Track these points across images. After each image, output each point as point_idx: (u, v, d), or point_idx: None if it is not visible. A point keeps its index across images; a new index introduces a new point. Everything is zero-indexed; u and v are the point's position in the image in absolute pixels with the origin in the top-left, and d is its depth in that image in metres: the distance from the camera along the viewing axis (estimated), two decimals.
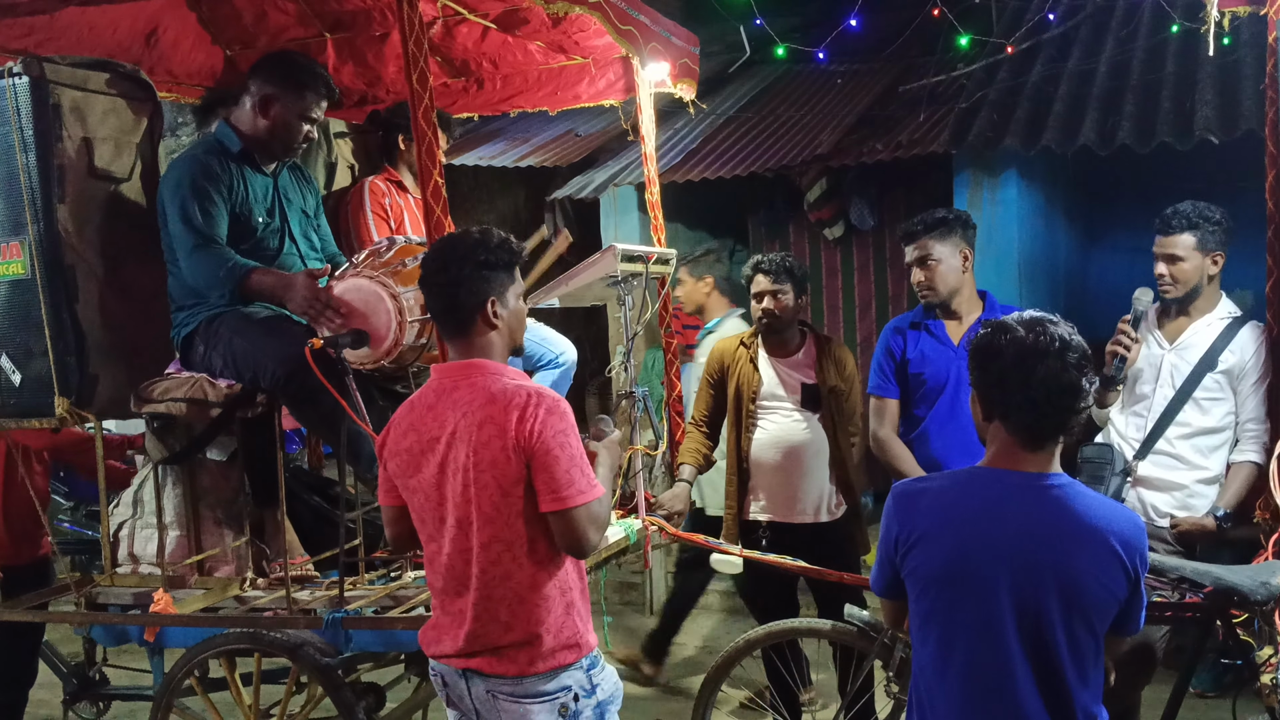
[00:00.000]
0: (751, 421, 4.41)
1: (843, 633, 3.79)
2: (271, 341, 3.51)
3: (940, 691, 2.33)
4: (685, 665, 5.98)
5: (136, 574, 3.77)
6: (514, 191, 9.45)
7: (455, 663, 2.63)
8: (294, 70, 3.73)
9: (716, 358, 4.54)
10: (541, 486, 2.52)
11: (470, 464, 2.53)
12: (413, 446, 2.63)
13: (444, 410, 2.60)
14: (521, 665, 2.57)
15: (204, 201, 3.55)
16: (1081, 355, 2.26)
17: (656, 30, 4.09)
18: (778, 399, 4.41)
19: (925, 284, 4.08)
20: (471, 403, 2.56)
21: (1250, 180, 3.93)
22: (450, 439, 2.57)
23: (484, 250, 2.62)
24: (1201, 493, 3.84)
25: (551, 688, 2.59)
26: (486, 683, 2.60)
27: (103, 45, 4.03)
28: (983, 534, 2.27)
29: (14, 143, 3.48)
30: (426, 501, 2.63)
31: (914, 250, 4.09)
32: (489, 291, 2.62)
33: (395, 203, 4.30)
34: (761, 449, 4.40)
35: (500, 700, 2.59)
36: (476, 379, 2.60)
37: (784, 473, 4.38)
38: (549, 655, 2.58)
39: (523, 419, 2.50)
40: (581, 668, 2.64)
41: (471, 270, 2.60)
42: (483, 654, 2.59)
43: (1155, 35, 6.47)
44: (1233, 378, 3.82)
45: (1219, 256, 3.85)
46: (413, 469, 2.64)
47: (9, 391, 3.65)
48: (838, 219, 7.55)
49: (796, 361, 4.44)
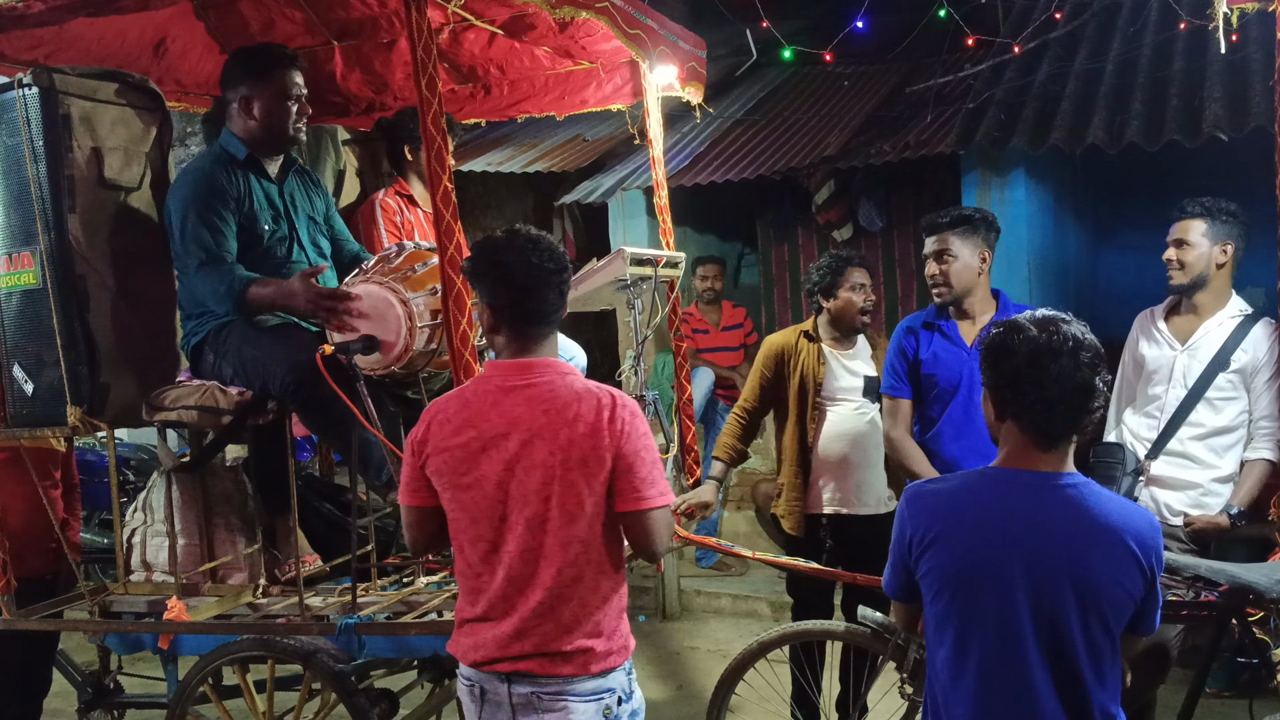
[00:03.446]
0: (817, 413, 4.46)
1: (857, 634, 3.78)
2: (281, 349, 3.52)
3: (956, 693, 2.32)
4: (699, 668, 5.97)
5: (150, 582, 3.78)
6: (522, 197, 9.47)
7: (502, 666, 2.56)
8: (252, 61, 3.73)
9: (774, 350, 4.57)
10: (625, 486, 2.51)
11: (556, 461, 2.49)
12: (469, 443, 2.55)
13: (511, 407, 2.54)
14: (577, 666, 2.54)
15: (210, 217, 3.56)
16: (1094, 354, 2.25)
17: (663, 34, 4.08)
18: (843, 391, 4.46)
19: (939, 279, 4.03)
20: (552, 400, 2.53)
21: (1260, 177, 3.92)
22: (525, 436, 2.51)
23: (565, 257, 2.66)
24: (1216, 491, 3.82)
25: (600, 688, 2.57)
26: (533, 684, 2.54)
27: (111, 56, 4.05)
28: (998, 534, 2.27)
29: (24, 153, 3.50)
30: (485, 499, 2.55)
31: (934, 243, 4.04)
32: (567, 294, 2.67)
33: (407, 220, 4.32)
34: (828, 441, 4.45)
35: (543, 700, 2.53)
36: (550, 377, 2.57)
37: (850, 464, 4.43)
38: (604, 657, 2.56)
39: (613, 418, 2.50)
40: (625, 670, 2.63)
41: (566, 276, 2.64)
42: (535, 657, 2.53)
43: (1163, 32, 6.46)
44: (1245, 376, 3.80)
45: (1229, 246, 3.83)
46: (468, 466, 2.56)
47: (22, 401, 3.67)
48: (846, 220, 7.55)
49: (855, 354, 4.52)
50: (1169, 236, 3.91)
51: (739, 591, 6.94)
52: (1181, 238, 3.86)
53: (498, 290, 2.60)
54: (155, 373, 3.77)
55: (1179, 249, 3.87)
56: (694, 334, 7.42)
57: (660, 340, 6.74)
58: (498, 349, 2.66)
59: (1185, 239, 3.85)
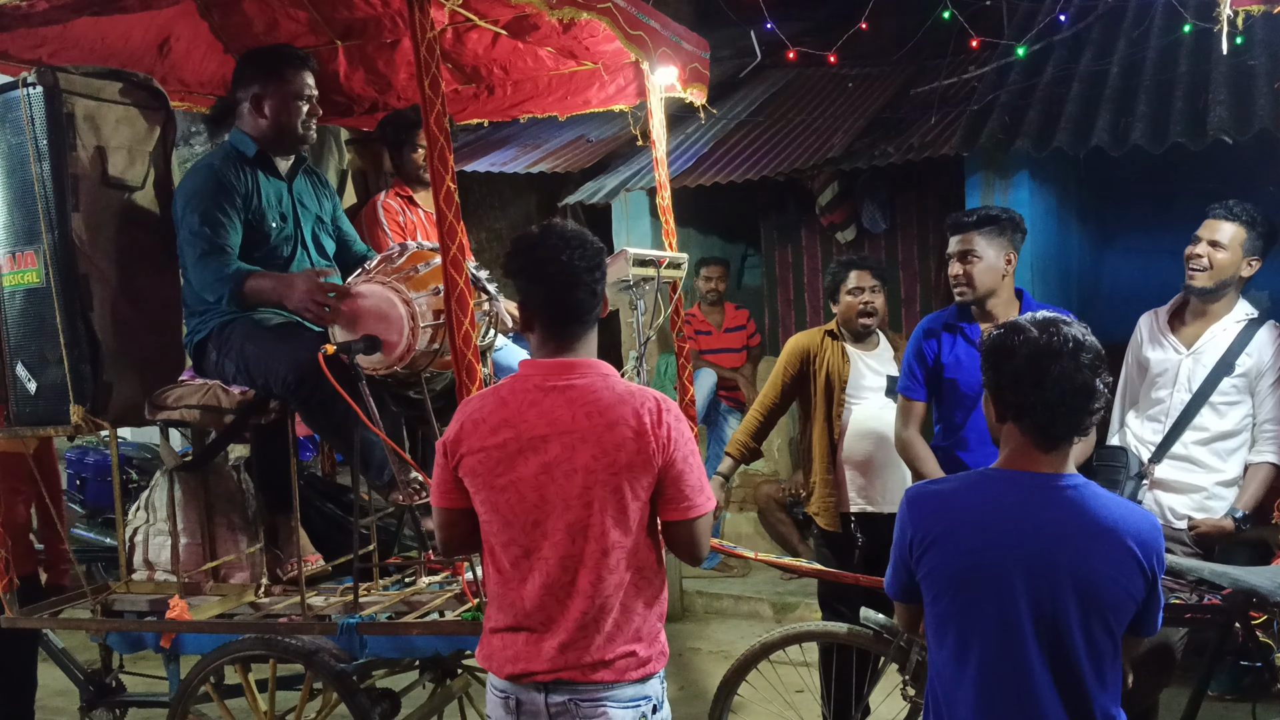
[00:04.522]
0: (841, 410, 4.49)
1: (858, 636, 3.77)
2: (284, 347, 3.52)
3: (957, 694, 2.31)
4: (701, 669, 5.96)
5: (152, 581, 3.79)
6: (525, 197, 9.47)
7: (542, 677, 2.45)
8: (266, 60, 3.75)
9: (799, 349, 4.61)
10: (673, 494, 2.45)
11: (600, 466, 2.40)
12: (506, 443, 2.45)
13: (551, 407, 2.44)
14: (617, 673, 2.45)
15: (215, 211, 3.57)
16: (1095, 355, 2.25)
17: (666, 35, 4.08)
18: (868, 389, 4.50)
19: (962, 279, 3.91)
20: (594, 402, 2.43)
21: (1264, 180, 3.91)
22: (567, 439, 2.42)
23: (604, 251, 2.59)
24: (1220, 494, 3.81)
25: (638, 695, 2.50)
26: (572, 691, 2.45)
27: (116, 55, 4.05)
28: (999, 536, 2.27)
29: (29, 152, 3.51)
30: (521, 503, 2.45)
31: (958, 243, 3.91)
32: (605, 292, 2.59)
33: (409, 220, 4.32)
34: (853, 439, 4.48)
35: (581, 707, 2.45)
36: (591, 378, 2.48)
37: (874, 462, 4.45)
38: (645, 663, 2.50)
39: (658, 423, 2.41)
40: (661, 677, 2.57)
41: (603, 274, 2.56)
42: (577, 666, 2.44)
43: (1168, 35, 6.45)
44: (1250, 380, 3.78)
45: (1255, 261, 3.77)
46: (505, 468, 2.45)
47: (25, 399, 3.68)
48: (849, 222, 7.55)
49: (877, 354, 4.57)
50: (1203, 232, 3.78)
51: (741, 593, 6.93)
52: (1218, 239, 3.74)
53: (530, 288, 2.52)
54: (158, 372, 3.77)
55: (1213, 249, 3.74)
56: (696, 335, 7.42)
57: (663, 341, 6.74)
58: (533, 348, 2.58)
59: (1222, 241, 3.73)
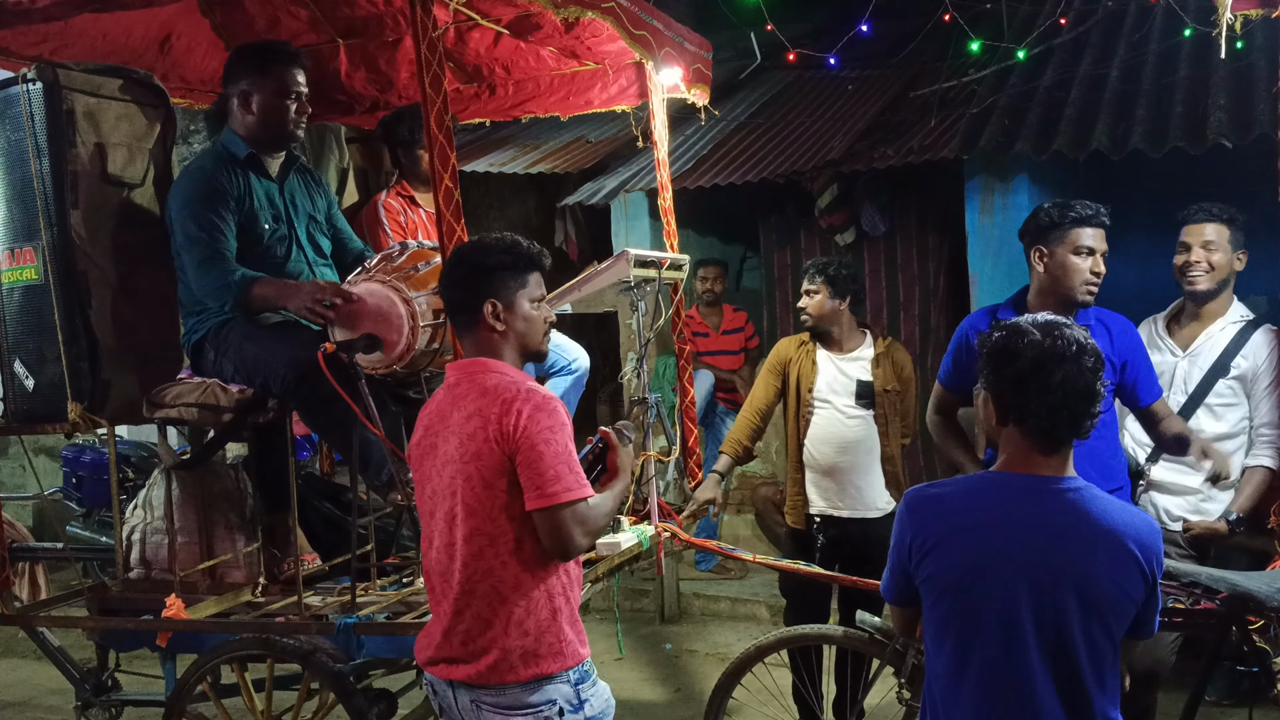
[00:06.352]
0: (807, 413, 4.48)
1: (854, 639, 3.77)
2: (282, 346, 3.51)
3: (956, 698, 2.31)
4: (698, 671, 5.96)
5: (149, 579, 3.78)
6: (525, 198, 9.47)
7: (439, 671, 2.63)
8: (254, 57, 3.74)
9: (781, 352, 4.63)
10: (526, 483, 2.51)
11: (457, 456, 2.56)
12: (422, 442, 2.68)
13: (447, 407, 2.64)
14: (502, 672, 2.53)
15: (209, 215, 3.56)
16: (1096, 358, 2.25)
17: (670, 36, 4.08)
18: (833, 393, 4.47)
19: (1093, 279, 3.51)
20: (466, 397, 2.59)
21: (1264, 185, 3.92)
22: (445, 433, 2.61)
23: (484, 253, 2.67)
24: (1215, 497, 3.82)
25: (535, 700, 2.53)
26: (471, 693, 2.58)
27: (116, 52, 4.05)
28: (999, 539, 2.26)
29: (28, 149, 3.51)
30: (423, 496, 2.69)
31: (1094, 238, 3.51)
32: (487, 292, 2.64)
33: (410, 220, 4.32)
34: (814, 442, 4.47)
35: (484, 711, 2.57)
36: (478, 376, 2.63)
37: (836, 467, 4.44)
38: (530, 661, 2.53)
39: (507, 412, 2.51)
40: (568, 680, 2.57)
41: (468, 271, 2.66)
42: (463, 660, 2.56)
43: (1167, 39, 6.45)
44: (1246, 383, 3.80)
45: (1243, 254, 3.82)
46: (418, 464, 2.70)
47: (22, 397, 3.67)
48: (849, 225, 7.54)
49: (853, 359, 4.52)
50: (1190, 237, 3.81)
51: (738, 595, 6.93)
52: (1211, 239, 3.79)
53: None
54: (156, 369, 3.76)
55: (1207, 251, 3.79)
56: (694, 337, 7.41)
57: (662, 343, 6.73)
58: None
59: (1214, 240, 3.78)
